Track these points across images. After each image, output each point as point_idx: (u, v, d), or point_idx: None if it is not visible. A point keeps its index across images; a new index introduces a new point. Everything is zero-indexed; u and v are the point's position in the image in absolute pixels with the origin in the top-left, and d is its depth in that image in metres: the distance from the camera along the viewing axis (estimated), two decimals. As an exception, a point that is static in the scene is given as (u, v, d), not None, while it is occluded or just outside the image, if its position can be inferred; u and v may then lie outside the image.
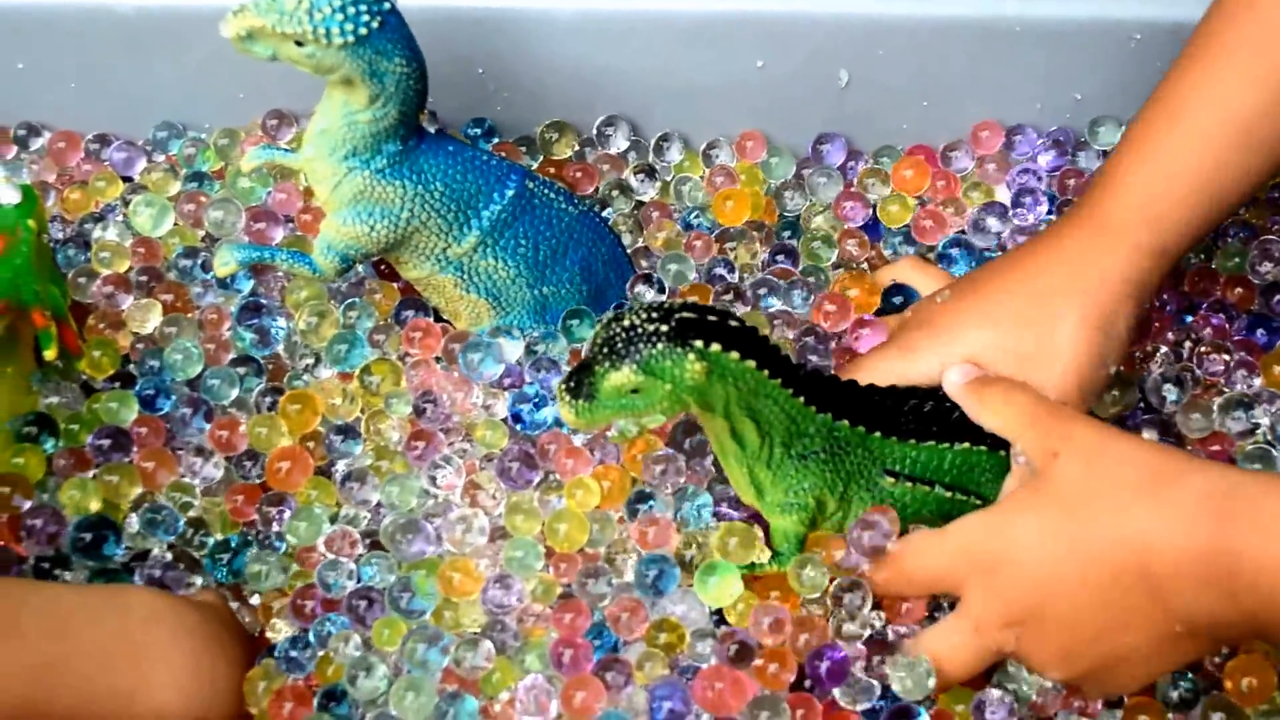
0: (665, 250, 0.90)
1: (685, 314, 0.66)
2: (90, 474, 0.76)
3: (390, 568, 0.74)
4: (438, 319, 0.85)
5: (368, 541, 0.76)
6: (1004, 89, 0.93)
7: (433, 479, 0.76)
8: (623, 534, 0.75)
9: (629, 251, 0.89)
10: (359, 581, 0.73)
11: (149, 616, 0.67)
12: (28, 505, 0.73)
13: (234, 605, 0.74)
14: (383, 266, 0.88)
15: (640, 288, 0.86)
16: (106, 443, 0.77)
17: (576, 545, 0.74)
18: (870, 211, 0.92)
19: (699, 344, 0.65)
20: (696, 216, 0.92)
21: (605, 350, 0.66)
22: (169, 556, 0.75)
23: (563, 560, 0.74)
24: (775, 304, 0.85)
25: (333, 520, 0.76)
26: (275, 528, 0.76)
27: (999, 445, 0.73)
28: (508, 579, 0.72)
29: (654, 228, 0.91)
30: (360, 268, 0.85)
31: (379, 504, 0.77)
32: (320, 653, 0.71)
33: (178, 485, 0.77)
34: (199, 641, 0.68)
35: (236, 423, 0.79)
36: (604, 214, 0.90)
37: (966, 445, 0.73)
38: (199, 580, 0.75)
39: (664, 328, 0.65)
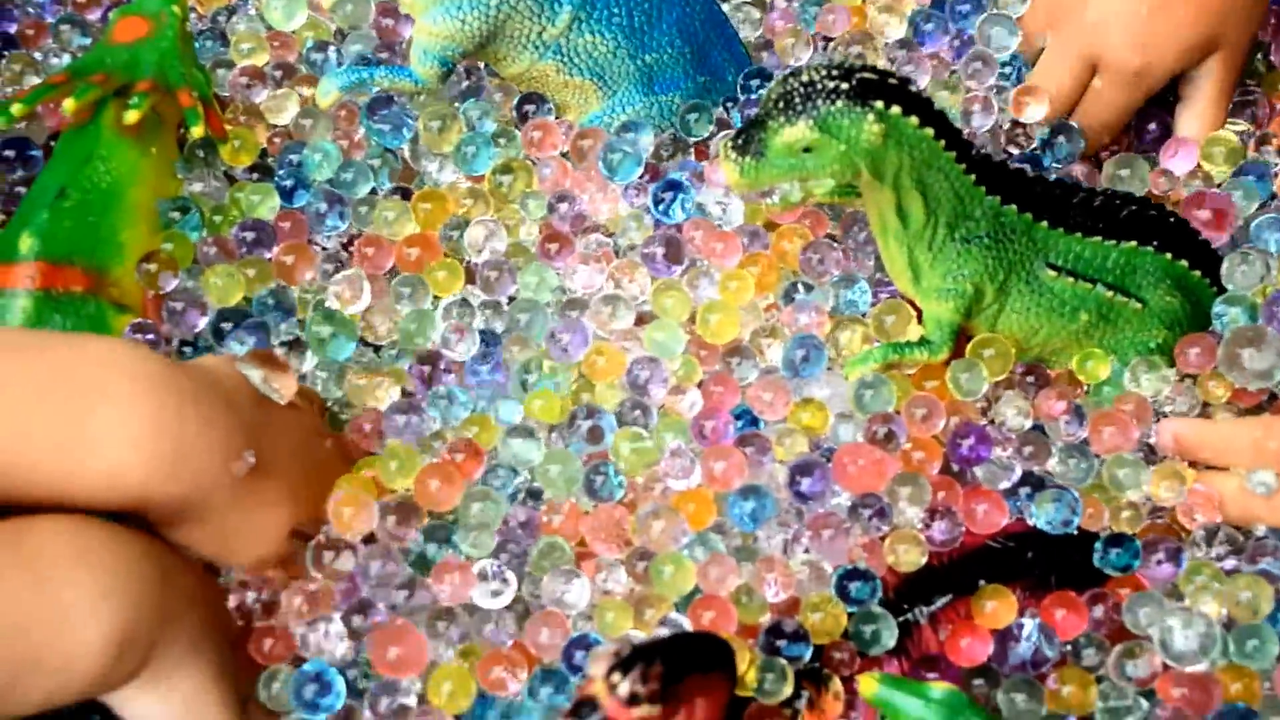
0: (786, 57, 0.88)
1: (866, 74, 0.65)
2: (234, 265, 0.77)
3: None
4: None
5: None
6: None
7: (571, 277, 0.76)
8: (769, 320, 0.75)
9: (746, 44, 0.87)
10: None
11: (101, 360, 0.56)
12: (173, 284, 0.75)
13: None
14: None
15: (755, 81, 0.84)
16: (250, 235, 0.77)
17: (727, 338, 0.73)
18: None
19: (879, 105, 0.64)
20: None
21: (780, 105, 0.65)
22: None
23: (703, 348, 0.74)
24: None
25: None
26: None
27: (1166, 248, 0.72)
28: (653, 360, 0.72)
29: (780, 34, 0.89)
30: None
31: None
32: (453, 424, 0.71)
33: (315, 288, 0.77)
34: (168, 394, 0.57)
35: (380, 240, 0.78)
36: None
37: (1133, 244, 0.71)
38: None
39: (844, 85, 0.64)
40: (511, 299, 0.76)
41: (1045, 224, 0.70)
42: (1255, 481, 0.67)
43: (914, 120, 0.65)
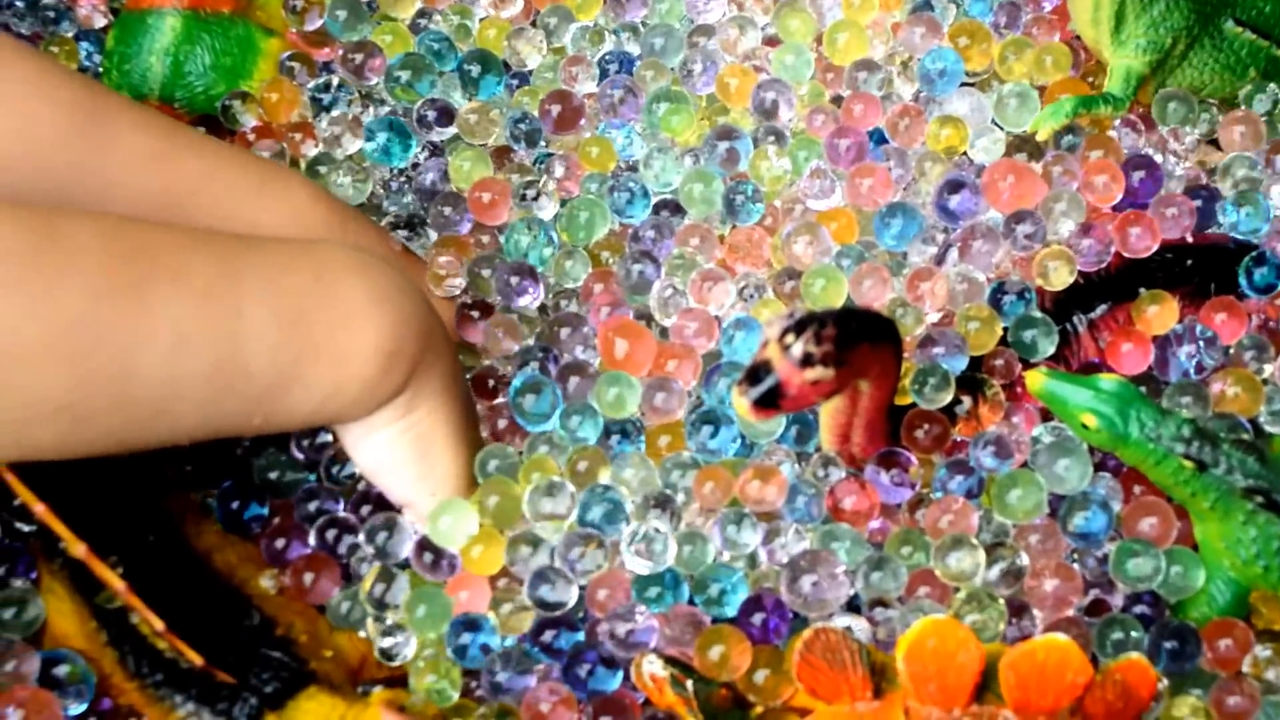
0: None
1: None
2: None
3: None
4: None
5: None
6: None
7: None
8: (895, 47, 0.72)
9: None
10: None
11: (338, 264, 0.56)
12: (317, 23, 0.73)
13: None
14: None
15: None
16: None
17: (855, 57, 0.71)
18: None
19: None
20: None
21: None
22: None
23: (829, 71, 0.71)
24: None
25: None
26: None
27: None
28: (778, 83, 0.70)
29: None
30: None
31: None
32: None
33: (460, 8, 0.74)
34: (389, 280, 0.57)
35: None
36: None
37: None
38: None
39: None
40: (644, 24, 0.74)
41: None
42: None
43: None
